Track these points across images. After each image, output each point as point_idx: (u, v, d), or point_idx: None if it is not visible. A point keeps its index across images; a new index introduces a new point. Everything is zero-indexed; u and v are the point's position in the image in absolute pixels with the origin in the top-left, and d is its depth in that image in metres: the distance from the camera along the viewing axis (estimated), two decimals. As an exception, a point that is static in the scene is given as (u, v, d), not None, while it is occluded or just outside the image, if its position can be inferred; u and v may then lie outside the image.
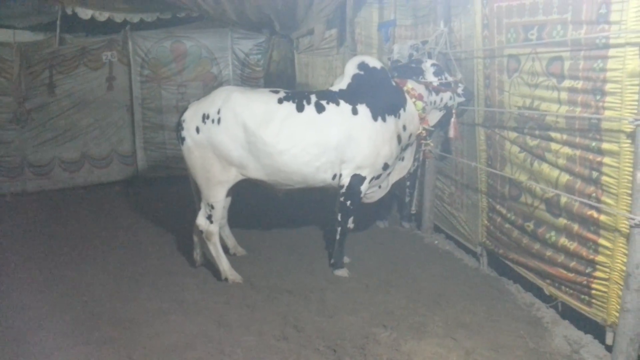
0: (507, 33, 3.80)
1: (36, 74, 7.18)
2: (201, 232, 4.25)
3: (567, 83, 3.22)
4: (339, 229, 4.32)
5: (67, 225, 5.79)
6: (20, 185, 7.14)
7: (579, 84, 3.12)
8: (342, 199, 4.24)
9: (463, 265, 4.49)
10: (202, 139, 4.09)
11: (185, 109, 4.31)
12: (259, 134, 4.00)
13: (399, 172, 4.61)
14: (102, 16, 7.57)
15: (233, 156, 4.08)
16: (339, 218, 4.30)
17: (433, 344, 3.23)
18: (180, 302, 3.85)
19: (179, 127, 4.23)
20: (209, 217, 4.20)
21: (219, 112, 4.07)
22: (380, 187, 4.51)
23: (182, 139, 4.18)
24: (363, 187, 4.23)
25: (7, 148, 7.10)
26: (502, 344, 3.22)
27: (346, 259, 4.45)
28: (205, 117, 4.09)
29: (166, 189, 7.10)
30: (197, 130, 4.10)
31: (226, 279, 4.18)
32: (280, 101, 4.12)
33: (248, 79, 7.83)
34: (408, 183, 5.34)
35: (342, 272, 4.32)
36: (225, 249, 4.50)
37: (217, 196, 4.16)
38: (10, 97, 7.05)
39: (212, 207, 4.17)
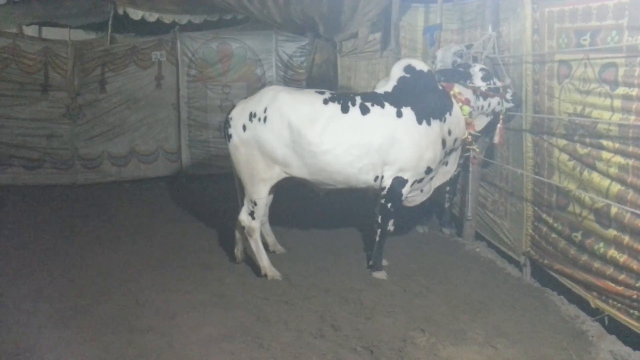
0: (558, 38, 3.72)
1: (88, 71, 7.47)
2: (243, 227, 4.32)
3: (621, 90, 3.14)
4: (379, 231, 4.32)
5: (114, 218, 5.99)
6: (71, 177, 7.43)
7: (634, 92, 3.03)
8: (383, 201, 4.24)
9: (505, 274, 4.40)
10: (248, 137, 4.17)
11: (232, 107, 4.42)
12: (304, 133, 4.05)
13: (442, 176, 4.57)
14: (152, 17, 7.84)
15: (277, 154, 4.14)
16: (379, 220, 4.30)
17: (472, 351, 3.19)
18: (220, 296, 3.93)
19: (226, 124, 4.33)
20: (252, 214, 4.27)
21: (265, 111, 4.14)
22: (422, 191, 4.48)
23: (229, 136, 4.27)
24: (405, 190, 4.22)
25: (60, 141, 7.40)
26: (544, 356, 3.15)
27: (385, 262, 4.44)
28: (252, 116, 4.17)
29: (209, 186, 7.25)
30: (244, 128, 4.18)
31: (265, 275, 4.23)
32: (325, 102, 4.16)
33: (291, 81, 7.92)
34: (448, 188, 5.29)
35: (380, 275, 4.31)
36: (265, 246, 4.56)
37: (261, 193, 4.23)
38: (64, 93, 7.36)
39: (255, 204, 4.24)
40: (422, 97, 4.21)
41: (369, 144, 4.09)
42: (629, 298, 3.13)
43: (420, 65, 4.39)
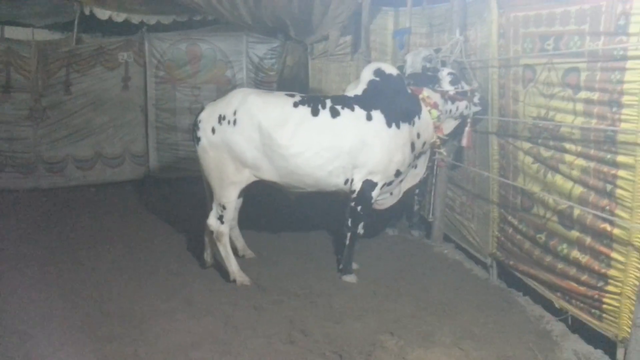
0: (523, 43, 3.79)
1: (53, 72, 7.25)
2: (212, 232, 4.26)
3: (583, 94, 3.21)
4: (349, 234, 4.32)
5: (78, 223, 5.83)
6: (34, 181, 7.19)
7: (595, 96, 3.10)
8: (353, 204, 4.24)
9: (472, 276, 4.46)
10: (217, 140, 4.11)
11: (201, 109, 4.35)
12: (274, 136, 4.02)
13: (411, 179, 4.61)
14: (120, 17, 7.64)
15: (247, 157, 4.10)
16: (349, 223, 4.30)
17: (440, 353, 3.21)
18: (187, 302, 3.87)
19: (194, 127, 4.26)
20: (220, 218, 4.21)
21: (235, 114, 4.09)
22: (391, 194, 4.51)
23: (198, 139, 4.21)
24: (374, 193, 4.23)
25: (22, 144, 7.16)
26: (510, 356, 3.20)
27: (355, 265, 4.44)
28: (221, 118, 4.12)
29: (177, 190, 7.13)
30: (213, 130, 4.13)
31: (234, 281, 4.18)
32: (295, 105, 4.14)
33: (262, 83, 7.86)
34: (417, 191, 5.33)
35: (350, 278, 4.31)
36: (235, 251, 4.51)
37: (230, 197, 4.18)
38: (27, 94, 7.13)
39: (224, 208, 4.19)
40: (392, 100, 4.24)
41: (339, 147, 4.09)
42: (591, 298, 3.20)
43: (389, 69, 4.42)
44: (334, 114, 4.14)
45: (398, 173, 4.28)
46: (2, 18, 7.86)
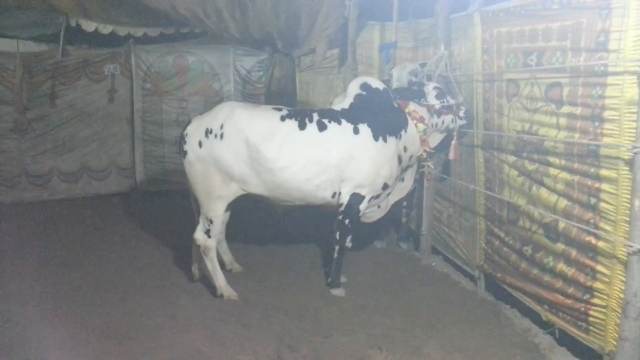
0: (506, 58, 3.84)
1: (38, 84, 7.20)
2: (199, 246, 4.23)
3: (565, 109, 3.25)
4: (337, 247, 4.31)
5: (62, 237, 5.75)
6: (18, 195, 7.10)
7: (578, 110, 3.15)
8: (340, 217, 4.24)
9: (460, 289, 4.47)
10: (204, 153, 4.10)
11: (188, 122, 4.34)
12: (261, 150, 4.02)
13: (399, 192, 4.62)
14: (106, 29, 7.60)
15: (234, 171, 4.09)
16: (337, 237, 4.30)
17: (429, 367, 3.21)
18: (174, 318, 3.82)
19: (181, 140, 4.24)
20: (207, 232, 4.18)
21: (222, 127, 4.09)
22: (379, 207, 4.52)
23: (184, 153, 4.19)
24: (362, 206, 4.24)
25: (6, 157, 7.08)
26: (498, 369, 3.20)
27: (343, 279, 4.43)
28: (208, 132, 4.11)
29: (164, 203, 7.07)
30: (200, 144, 4.11)
31: (221, 296, 4.14)
32: (282, 118, 4.14)
33: (249, 96, 7.88)
34: (405, 203, 5.35)
35: (338, 292, 4.30)
36: (222, 265, 4.47)
37: (217, 210, 4.16)
38: (11, 107, 7.06)
39: (211, 222, 4.16)
40: (378, 114, 4.26)
41: (326, 161, 4.09)
42: (577, 311, 3.22)
43: (376, 83, 4.45)
44: (321, 127, 4.15)
45: (385, 186, 4.29)
46: (-14, 30, 7.79)
